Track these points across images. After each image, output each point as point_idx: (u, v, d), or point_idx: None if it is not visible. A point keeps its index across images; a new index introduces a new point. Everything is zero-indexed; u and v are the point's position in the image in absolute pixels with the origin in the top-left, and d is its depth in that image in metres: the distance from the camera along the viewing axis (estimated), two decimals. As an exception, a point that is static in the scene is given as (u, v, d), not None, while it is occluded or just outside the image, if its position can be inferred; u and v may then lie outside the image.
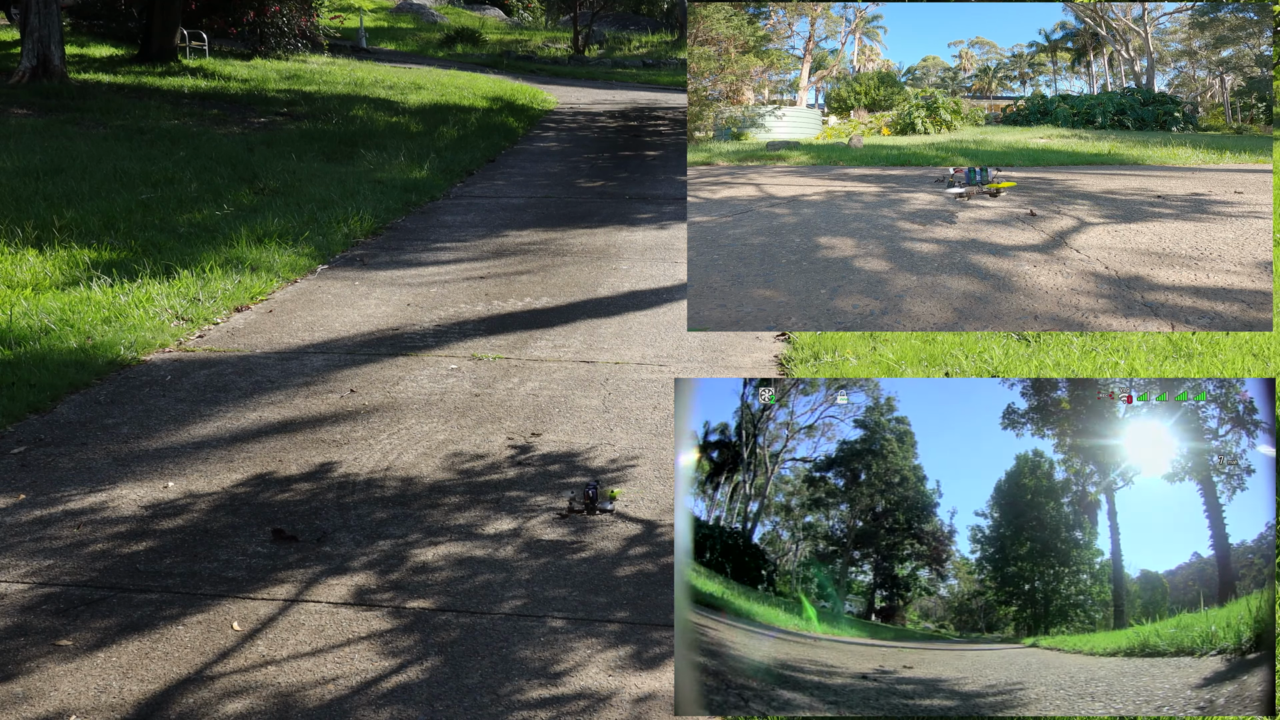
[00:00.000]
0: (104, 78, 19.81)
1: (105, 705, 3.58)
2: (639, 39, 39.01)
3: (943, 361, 6.76)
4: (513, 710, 3.58)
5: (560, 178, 14.30)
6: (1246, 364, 6.64)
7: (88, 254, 8.88)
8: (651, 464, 5.44)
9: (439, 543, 4.65)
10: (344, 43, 30.71)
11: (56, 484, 5.15)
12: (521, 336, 7.45)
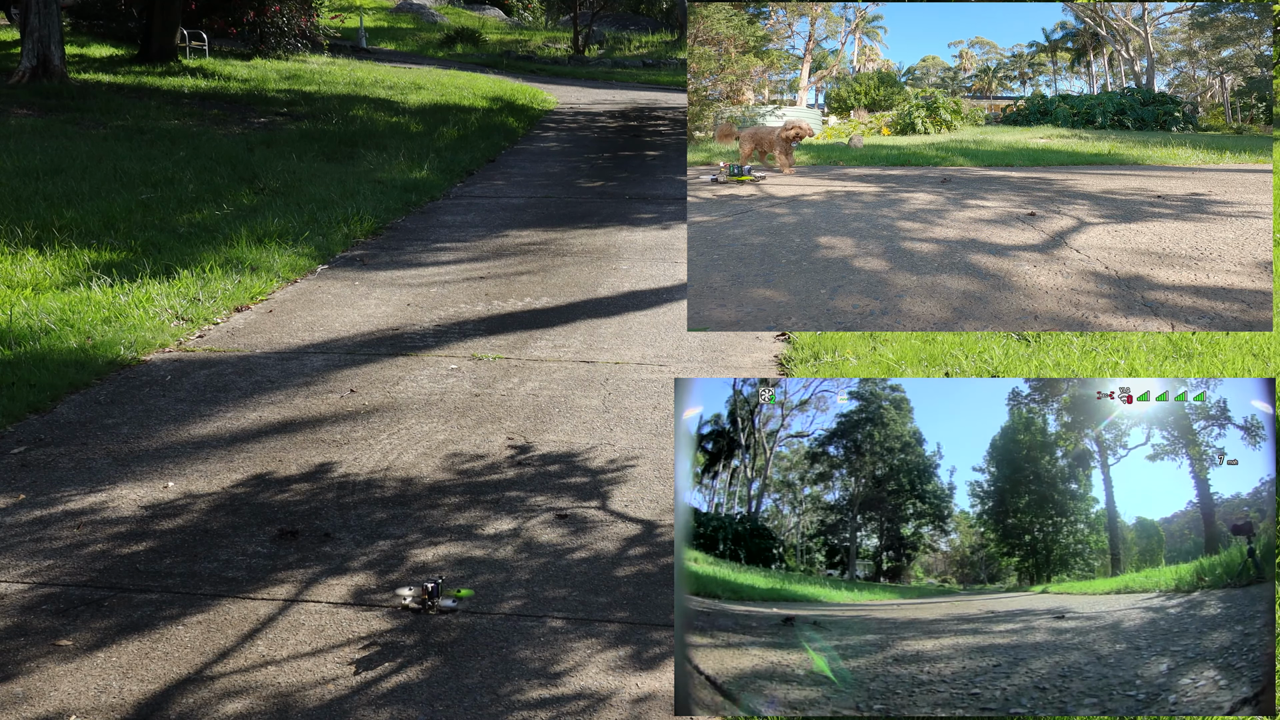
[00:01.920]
0: (104, 78, 19.81)
1: (105, 705, 3.58)
2: (639, 39, 39.01)
3: (943, 361, 6.76)
4: (512, 710, 3.58)
5: (560, 178, 14.30)
6: (1246, 364, 6.64)
7: (88, 254, 8.88)
8: (651, 464, 5.44)
9: (439, 543, 4.65)
10: (344, 43, 30.72)
11: (56, 484, 5.15)
12: (521, 336, 7.45)
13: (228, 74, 21.45)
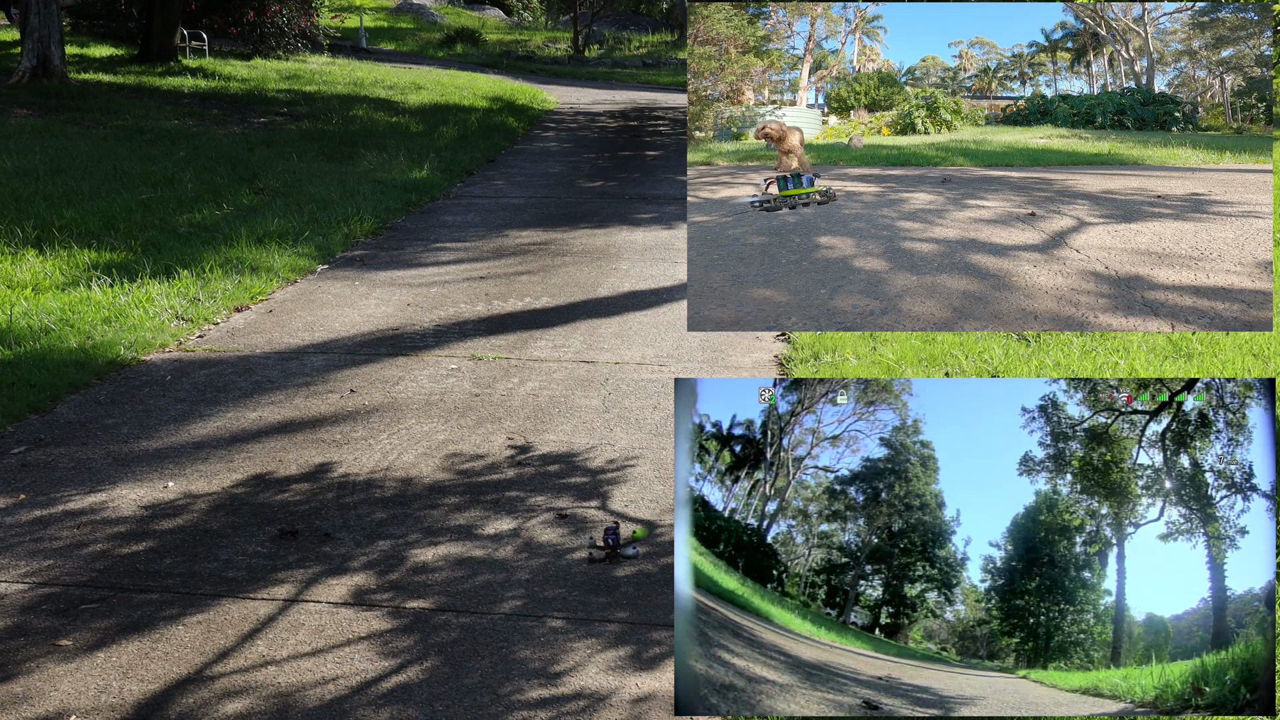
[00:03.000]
0: (104, 78, 19.81)
1: (105, 705, 3.58)
2: (639, 39, 39.00)
3: (943, 361, 6.76)
4: (512, 710, 3.58)
5: (560, 178, 14.30)
6: (1246, 364, 6.64)
7: (88, 254, 8.88)
8: (651, 464, 5.44)
9: (439, 543, 4.65)
10: (344, 43, 30.71)
11: (56, 484, 5.15)
12: (521, 336, 7.45)
13: (228, 74, 21.45)
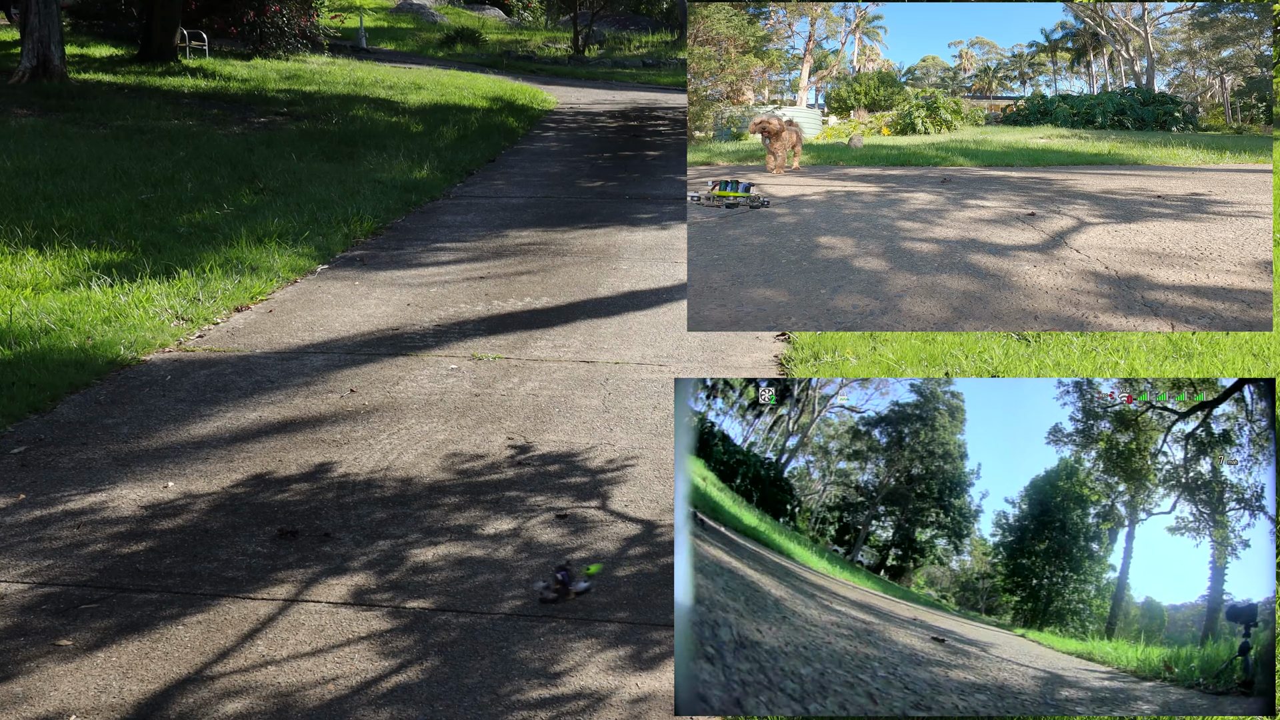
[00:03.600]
0: (104, 78, 19.81)
1: (105, 705, 3.58)
2: (639, 39, 39.00)
3: (943, 361, 6.76)
4: (512, 710, 3.58)
5: (560, 178, 14.30)
6: (1246, 364, 6.64)
7: (88, 254, 8.88)
8: (651, 464, 5.44)
9: (438, 543, 4.65)
10: (344, 43, 30.71)
11: (56, 484, 5.15)
12: (521, 336, 7.45)
13: (228, 74, 21.45)
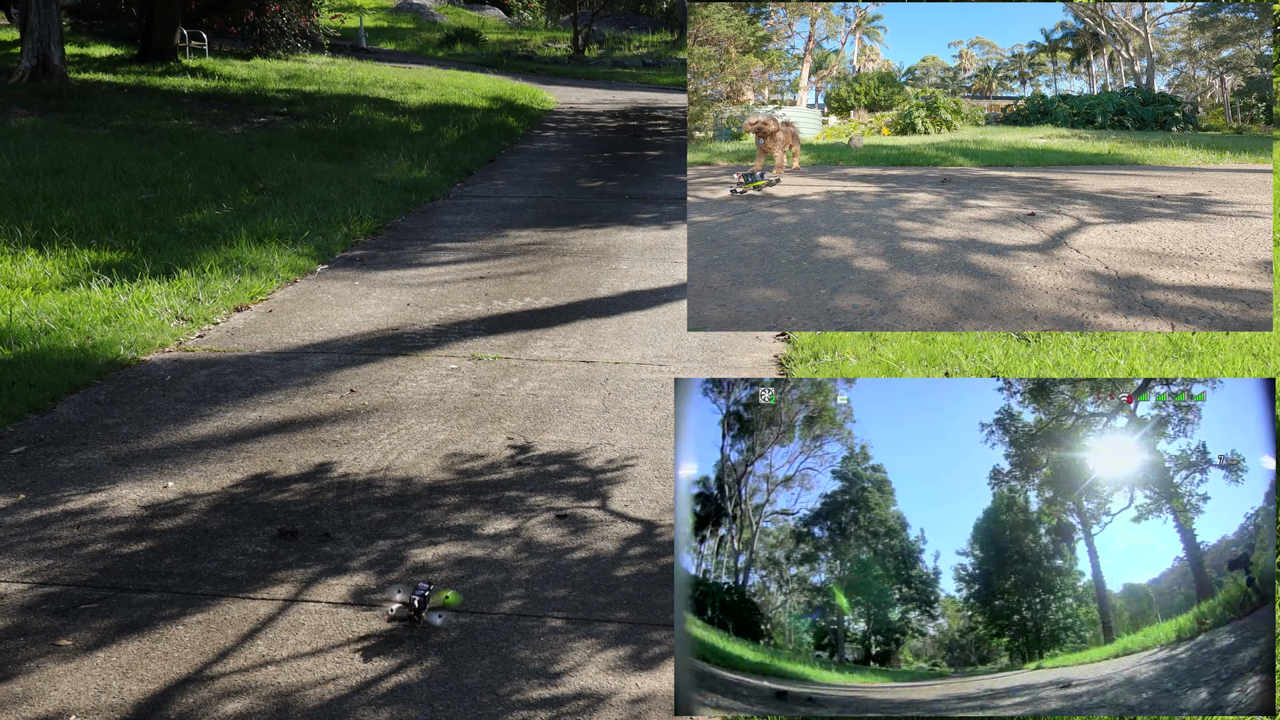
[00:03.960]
0: (104, 78, 19.81)
1: (105, 705, 3.58)
2: (639, 39, 39.01)
3: (943, 361, 6.76)
4: (512, 710, 3.58)
5: (560, 177, 14.30)
6: (1246, 364, 6.64)
7: (88, 254, 8.88)
8: (651, 464, 5.44)
9: (438, 543, 4.65)
10: (344, 43, 30.71)
11: (56, 484, 5.15)
12: (521, 336, 7.45)
13: (228, 74, 21.45)
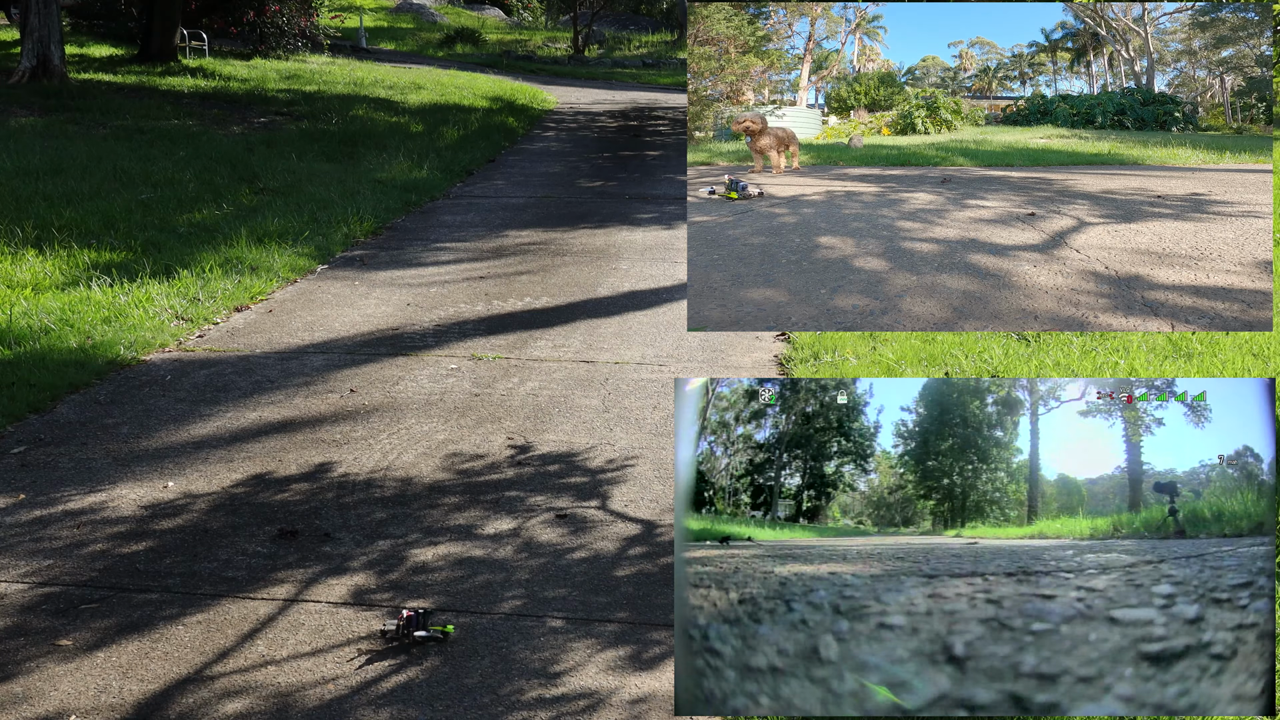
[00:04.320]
0: (104, 78, 19.81)
1: (105, 705, 3.58)
2: (639, 39, 39.00)
3: (943, 361, 6.76)
4: (512, 710, 3.58)
5: (560, 177, 14.30)
6: (1246, 364, 6.64)
7: (88, 254, 8.88)
8: (651, 464, 5.44)
9: (438, 543, 4.65)
10: (344, 43, 30.70)
11: (56, 484, 5.15)
12: (521, 336, 7.45)
13: (228, 74, 21.44)
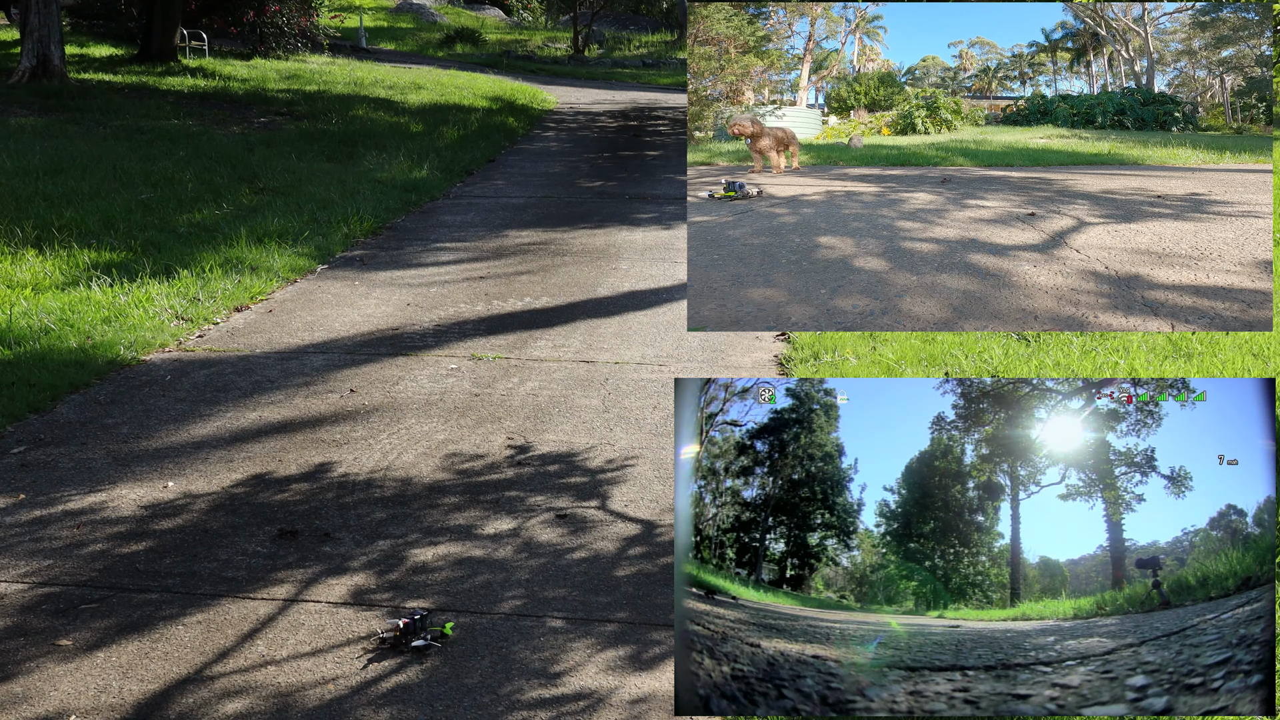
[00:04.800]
0: (104, 78, 19.81)
1: (105, 705, 3.58)
2: (639, 39, 39.00)
3: (942, 361, 6.76)
4: (512, 710, 3.58)
5: (560, 177, 14.30)
6: (1246, 364, 6.64)
7: (88, 254, 8.88)
8: (651, 464, 5.44)
9: (438, 543, 4.65)
10: (344, 42, 30.70)
11: (56, 484, 5.15)
12: (521, 336, 7.45)
13: (228, 74, 21.45)
